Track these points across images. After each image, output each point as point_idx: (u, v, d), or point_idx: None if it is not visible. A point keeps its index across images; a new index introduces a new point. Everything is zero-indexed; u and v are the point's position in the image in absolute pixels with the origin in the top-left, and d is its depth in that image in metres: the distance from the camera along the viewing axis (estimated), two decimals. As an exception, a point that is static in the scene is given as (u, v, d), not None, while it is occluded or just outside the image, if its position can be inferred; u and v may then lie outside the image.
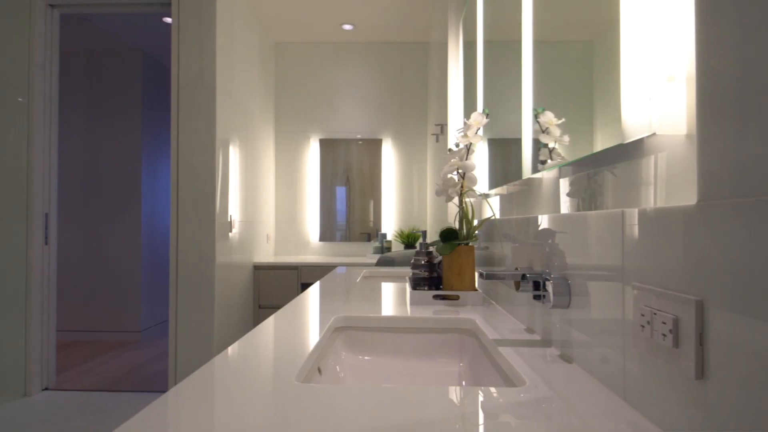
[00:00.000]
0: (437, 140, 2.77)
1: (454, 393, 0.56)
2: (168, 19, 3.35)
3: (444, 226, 2.52)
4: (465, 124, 1.14)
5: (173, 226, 2.57)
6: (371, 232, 3.69)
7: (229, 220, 2.75)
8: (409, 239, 3.44)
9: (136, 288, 3.87)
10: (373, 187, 3.72)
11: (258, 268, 3.19)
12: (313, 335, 0.86)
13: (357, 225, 3.71)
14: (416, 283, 1.25)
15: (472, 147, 1.18)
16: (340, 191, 3.73)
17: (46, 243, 2.70)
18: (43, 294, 2.68)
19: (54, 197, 2.76)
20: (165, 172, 4.30)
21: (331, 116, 3.77)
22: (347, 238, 3.71)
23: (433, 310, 1.07)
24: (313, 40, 3.76)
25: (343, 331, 1.03)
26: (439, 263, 1.26)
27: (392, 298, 1.26)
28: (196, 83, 2.58)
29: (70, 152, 3.93)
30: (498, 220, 1.14)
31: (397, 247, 3.67)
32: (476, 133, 1.14)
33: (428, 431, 0.45)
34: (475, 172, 1.24)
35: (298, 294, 3.16)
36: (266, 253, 3.52)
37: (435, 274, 1.25)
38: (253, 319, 3.18)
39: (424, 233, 1.39)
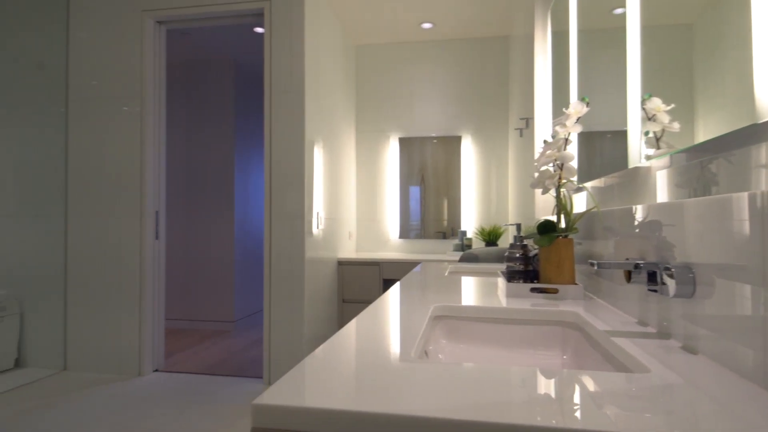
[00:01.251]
0: (521, 135, 2.71)
1: (574, 375, 0.56)
2: (259, 29, 3.57)
3: (530, 221, 2.47)
4: (564, 113, 1.12)
5: (267, 223, 2.74)
6: (446, 231, 3.69)
7: (316, 217, 2.88)
8: (490, 237, 3.40)
9: (229, 281, 4.16)
10: (450, 185, 3.72)
11: (342, 264, 3.30)
12: (416, 322, 0.89)
13: (432, 223, 3.73)
14: (511, 276, 1.25)
15: (569, 137, 1.16)
16: (417, 189, 3.76)
17: (157, 238, 2.99)
18: (154, 285, 2.97)
19: (163, 197, 3.04)
20: (255, 173, 4.58)
21: (410, 115, 3.82)
22: (422, 236, 3.75)
23: (531, 303, 1.07)
24: (392, 41, 3.83)
25: (442, 320, 1.05)
26: (534, 256, 1.25)
27: (484, 291, 1.27)
28: (287, 88, 2.73)
29: (173, 156, 4.30)
30: (600, 212, 1.11)
31: (477, 245, 3.63)
32: (575, 122, 1.12)
33: (558, 408, 0.47)
34: (573, 163, 1.22)
35: (380, 289, 3.24)
36: (349, 250, 3.64)
37: (530, 267, 1.24)
38: (337, 312, 3.30)
39: (518, 226, 1.38)
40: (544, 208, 2.14)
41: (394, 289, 1.31)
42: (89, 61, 2.98)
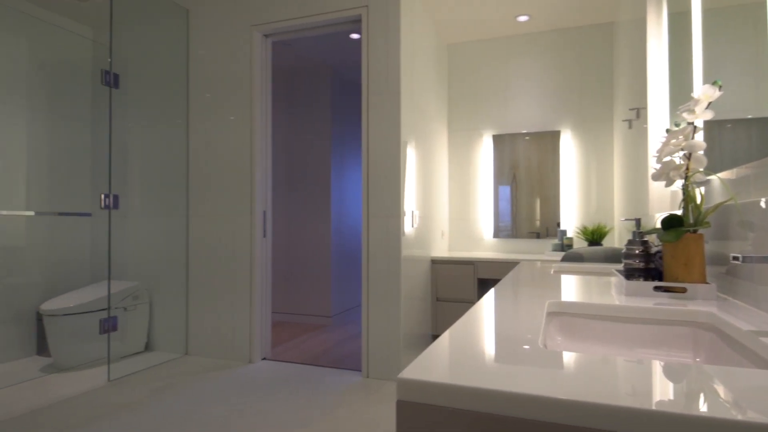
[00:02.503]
0: (630, 126, 2.54)
1: (720, 370, 0.53)
2: (355, 36, 3.70)
3: (642, 217, 2.31)
4: (691, 99, 1.04)
5: (364, 222, 2.84)
6: (539, 231, 3.55)
7: (411, 216, 2.93)
8: (593, 236, 3.22)
9: (327, 278, 4.36)
10: (544, 183, 3.57)
11: (435, 263, 3.32)
12: (533, 315, 0.88)
13: (524, 222, 3.61)
14: (629, 274, 1.18)
15: (696, 125, 1.08)
16: (510, 187, 3.67)
17: (264, 236, 3.21)
18: (262, 280, 3.20)
19: (269, 198, 3.27)
20: (350, 173, 4.76)
21: (504, 111, 3.73)
22: (513, 235, 3.64)
23: (654, 302, 1.00)
24: (485, 38, 3.78)
25: (557, 316, 1.03)
26: (656, 253, 1.17)
27: (597, 289, 1.21)
28: (383, 90, 2.81)
29: (275, 159, 4.60)
30: (738, 204, 1.02)
31: (579, 244, 3.45)
32: (706, 108, 1.03)
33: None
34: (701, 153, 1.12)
35: (475, 288, 3.20)
36: (441, 249, 3.64)
37: (651, 265, 1.16)
38: (432, 310, 3.32)
39: (638, 221, 1.30)
40: (660, 202, 1.98)
41: (503, 285, 1.30)
42: (205, 73, 3.29)
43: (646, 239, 1.18)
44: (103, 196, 2.85)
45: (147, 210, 3.45)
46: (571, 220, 3.54)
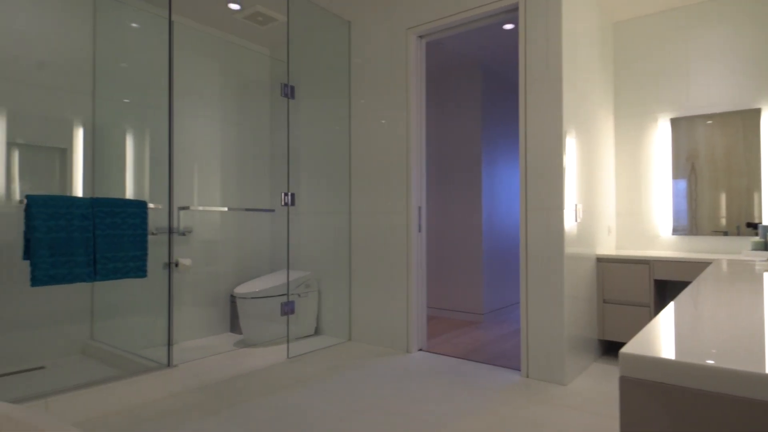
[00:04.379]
0: None
1: None
2: (509, 26, 3.61)
3: None
4: None
5: (522, 216, 2.74)
6: (727, 229, 3.02)
7: (574, 210, 2.74)
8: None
9: (478, 274, 4.32)
10: (735, 172, 3.03)
11: (601, 261, 3.06)
12: (755, 305, 0.75)
13: (707, 219, 3.10)
14: None
15: None
16: (688, 179, 3.19)
17: (420, 230, 3.31)
18: (418, 273, 3.30)
19: (423, 194, 3.36)
20: (501, 167, 4.65)
21: (684, 91, 3.27)
22: (692, 232, 3.16)
23: None
24: (659, 10, 3.36)
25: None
26: None
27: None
28: (543, 78, 2.68)
29: (427, 156, 4.71)
30: None
31: (789, 244, 2.86)
32: None
33: None
34: None
35: (651, 291, 2.87)
36: (608, 246, 3.34)
37: None
38: (597, 312, 3.07)
39: None
40: None
41: (703, 282, 1.14)
42: (365, 79, 3.51)
43: None
44: (283, 195, 3.23)
45: (316, 207, 3.81)
46: (777, 215, 2.95)
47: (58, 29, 2.95)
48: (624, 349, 0.50)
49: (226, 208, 3.67)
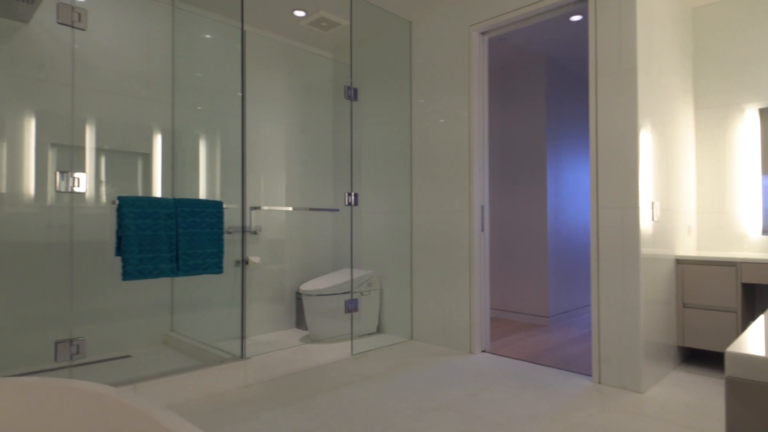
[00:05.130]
0: None
1: None
2: (576, 17, 3.47)
3: None
4: None
5: (593, 214, 2.63)
6: None
7: (651, 208, 2.60)
8: None
9: (543, 276, 4.19)
10: None
11: (681, 263, 2.87)
12: None
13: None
14: None
15: None
16: (794, 172, 2.92)
17: (482, 230, 3.26)
18: (481, 273, 3.25)
19: (486, 193, 3.30)
20: (567, 164, 4.48)
21: (777, 79, 3.00)
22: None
23: None
24: (746, -8, 3.11)
25: None
26: None
27: None
28: (615, 70, 2.56)
29: (490, 154, 4.63)
30: None
31: None
32: None
33: None
34: None
35: (738, 295, 2.66)
36: (688, 247, 3.13)
37: None
38: (677, 317, 2.88)
39: None
40: None
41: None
42: (426, 78, 3.51)
43: None
44: (346, 195, 3.29)
45: (377, 206, 3.86)
46: None
47: (142, 43, 3.18)
48: (730, 349, 0.47)
49: (292, 208, 3.79)
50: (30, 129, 2.70)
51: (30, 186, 2.68)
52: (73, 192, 2.36)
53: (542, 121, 4.25)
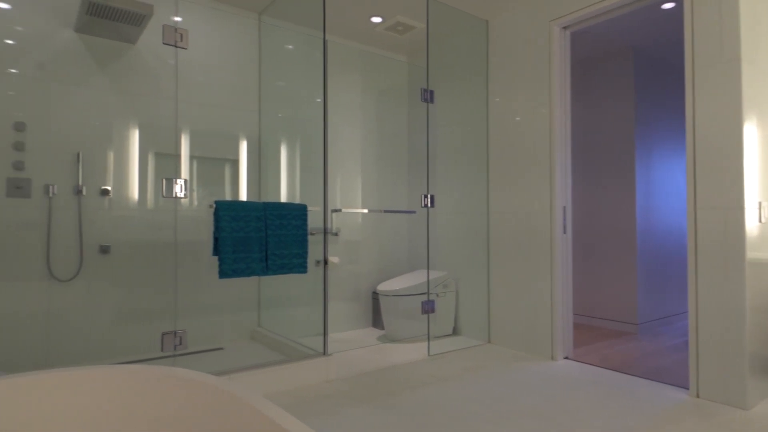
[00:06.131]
0: None
1: None
2: (668, 5, 3.25)
3: None
4: None
5: (690, 215, 2.45)
6: None
7: (758, 208, 2.37)
8: None
9: (631, 281, 3.95)
10: None
11: (795, 269, 2.58)
12: None
13: None
14: None
15: None
16: None
17: (564, 232, 3.15)
18: (563, 277, 3.13)
19: (569, 193, 3.18)
20: (659, 162, 4.20)
21: None
22: None
23: None
24: None
25: None
26: None
27: None
28: (715, 61, 2.37)
29: (572, 152, 4.44)
30: None
31: None
32: None
33: None
34: None
35: None
36: (803, 252, 2.81)
37: None
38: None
39: None
40: None
41: None
42: (504, 76, 3.44)
43: None
44: (422, 197, 3.32)
45: (453, 207, 3.85)
46: None
47: (232, 57, 3.41)
48: None
49: (370, 210, 3.88)
50: (134, 139, 2.99)
51: (135, 191, 2.97)
52: (176, 197, 2.59)
53: (630, 116, 4.02)
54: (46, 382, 1.37)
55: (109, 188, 2.86)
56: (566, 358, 3.15)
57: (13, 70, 2.58)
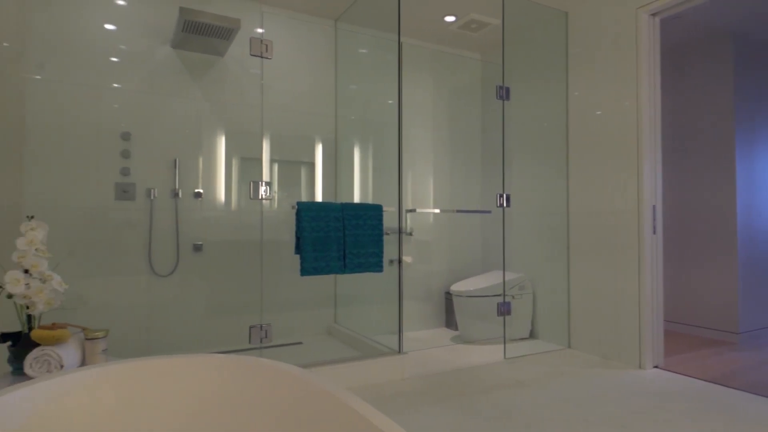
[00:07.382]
0: None
1: None
2: (775, -18, 2.94)
3: None
4: None
5: (805, 214, 2.20)
6: None
7: None
8: None
9: (731, 286, 3.61)
10: None
11: None
12: None
13: None
14: None
15: None
16: None
17: (654, 233, 2.95)
18: (652, 280, 2.93)
19: (659, 190, 2.97)
20: (763, 156, 3.81)
21: None
22: None
23: None
24: None
25: None
26: None
27: None
28: (836, 39, 2.11)
29: (662, 148, 4.15)
30: None
31: None
32: None
33: None
34: None
35: None
36: None
37: None
38: None
39: None
40: None
41: None
42: (585, 68, 3.29)
43: None
44: (498, 196, 3.26)
45: (529, 207, 3.73)
46: None
47: (310, 63, 3.55)
48: None
49: (443, 210, 3.87)
50: (222, 145, 3.20)
51: (222, 193, 3.19)
52: (261, 198, 2.75)
53: (729, 104, 3.67)
54: (153, 367, 1.52)
55: (201, 191, 3.09)
56: (656, 366, 2.94)
57: (116, 85, 2.86)
